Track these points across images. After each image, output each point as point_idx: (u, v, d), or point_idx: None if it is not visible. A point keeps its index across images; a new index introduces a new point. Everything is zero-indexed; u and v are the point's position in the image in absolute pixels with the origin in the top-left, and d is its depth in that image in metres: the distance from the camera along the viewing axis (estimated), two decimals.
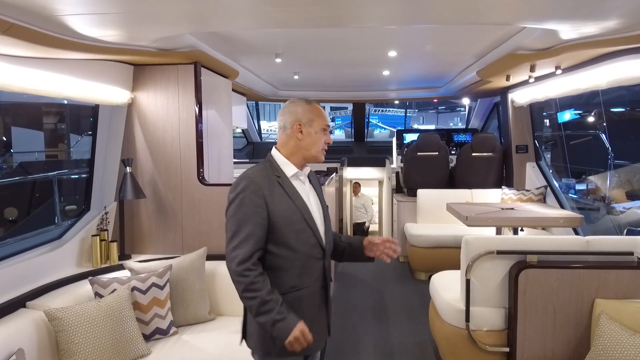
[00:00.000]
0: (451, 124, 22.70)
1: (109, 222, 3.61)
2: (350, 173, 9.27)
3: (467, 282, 2.89)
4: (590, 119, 6.40)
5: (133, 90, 3.72)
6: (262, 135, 10.73)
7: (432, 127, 21.30)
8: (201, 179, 3.71)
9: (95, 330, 2.51)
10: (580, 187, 6.76)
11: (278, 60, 4.68)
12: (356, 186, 10.15)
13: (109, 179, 3.71)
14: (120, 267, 3.28)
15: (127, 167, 3.49)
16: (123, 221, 3.60)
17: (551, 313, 2.71)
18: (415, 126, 22.58)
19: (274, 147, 1.96)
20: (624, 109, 7.53)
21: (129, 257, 3.58)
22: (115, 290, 2.79)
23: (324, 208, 2.02)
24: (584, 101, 6.91)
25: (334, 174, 5.62)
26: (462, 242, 2.96)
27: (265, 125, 22.79)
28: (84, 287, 2.92)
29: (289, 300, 1.82)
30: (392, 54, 4.68)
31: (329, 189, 4.67)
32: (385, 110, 25.18)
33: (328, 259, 1.99)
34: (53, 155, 10.05)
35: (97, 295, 2.80)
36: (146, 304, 2.87)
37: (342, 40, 4.17)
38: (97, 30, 2.70)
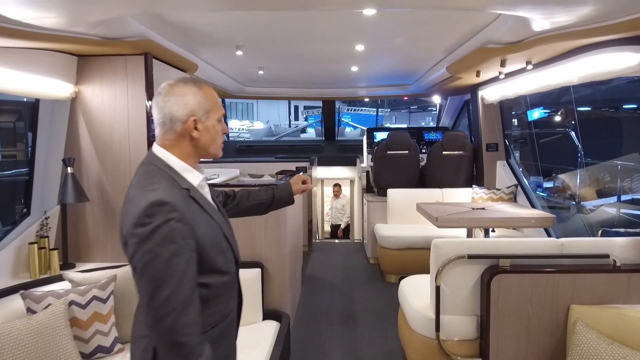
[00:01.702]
0: (423, 123, 22.82)
1: (50, 228, 3.29)
2: (321, 172, 9.05)
3: (437, 289, 2.71)
4: (560, 118, 6.38)
5: (77, 84, 3.40)
6: (230, 135, 10.38)
7: (404, 126, 21.34)
8: None
9: (24, 352, 2.21)
10: (550, 185, 6.74)
11: (239, 52, 4.42)
12: (337, 188, 9.80)
13: (51, 181, 3.39)
14: (62, 278, 2.97)
15: (69, 168, 3.18)
16: (66, 227, 3.28)
17: (525, 321, 2.56)
18: (387, 125, 22.60)
19: (159, 148, 1.47)
20: (590, 108, 7.57)
21: (73, 266, 3.27)
22: (49, 305, 2.49)
23: (223, 212, 1.66)
24: (552, 100, 6.90)
25: (303, 173, 5.40)
26: (432, 245, 2.78)
27: (236, 124, 22.35)
28: (16, 302, 2.59)
29: (220, 330, 1.52)
30: (360, 47, 4.49)
31: None
32: (358, 110, 25.14)
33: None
34: (11, 155, 9.54)
35: (30, 311, 2.49)
36: (86, 320, 2.58)
37: (306, 32, 3.94)
38: (28, 13, 2.39)
